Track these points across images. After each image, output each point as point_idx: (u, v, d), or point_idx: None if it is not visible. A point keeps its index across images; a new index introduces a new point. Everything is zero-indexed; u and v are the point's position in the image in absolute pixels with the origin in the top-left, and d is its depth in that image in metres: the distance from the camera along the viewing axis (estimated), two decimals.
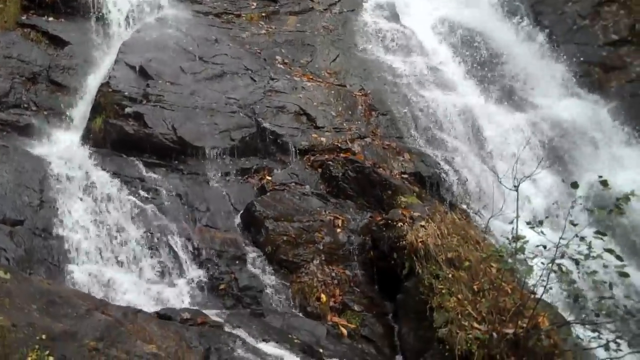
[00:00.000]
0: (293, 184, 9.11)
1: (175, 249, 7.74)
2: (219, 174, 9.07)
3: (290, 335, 6.33)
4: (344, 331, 7.20)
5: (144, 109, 9.32)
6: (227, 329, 5.99)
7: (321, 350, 6.33)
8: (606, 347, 6.16)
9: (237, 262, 7.82)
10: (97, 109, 9.44)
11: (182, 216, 8.27)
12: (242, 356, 5.43)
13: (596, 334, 6.32)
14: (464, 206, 9.42)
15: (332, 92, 10.93)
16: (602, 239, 6.09)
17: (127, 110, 9.25)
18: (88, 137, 9.30)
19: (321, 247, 8.11)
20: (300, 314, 7.32)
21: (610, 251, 6.00)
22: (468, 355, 6.38)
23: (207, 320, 6.01)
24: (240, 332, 5.99)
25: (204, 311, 6.48)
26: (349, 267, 8.05)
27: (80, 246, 7.42)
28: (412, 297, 7.37)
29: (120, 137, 9.11)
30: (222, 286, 7.48)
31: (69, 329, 5.06)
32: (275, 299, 7.48)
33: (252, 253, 7.98)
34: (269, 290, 7.53)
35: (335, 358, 6.31)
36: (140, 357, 4.92)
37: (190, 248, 7.83)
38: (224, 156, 9.24)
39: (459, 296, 6.88)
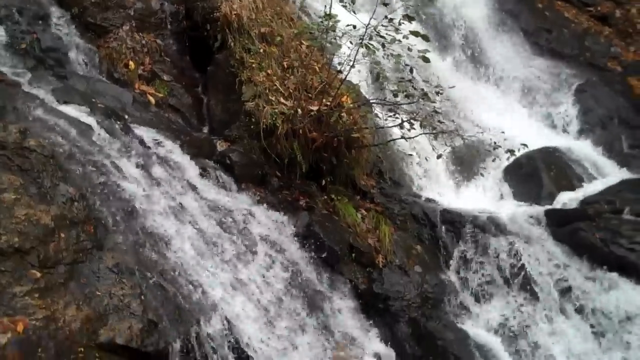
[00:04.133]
0: None
1: None
2: None
3: (94, 100, 6.15)
4: (152, 99, 7.13)
5: None
6: (25, 88, 5.72)
7: (126, 117, 6.24)
8: (400, 127, 6.60)
9: (40, 21, 7.26)
10: None
11: None
12: (41, 116, 5.26)
13: (393, 114, 6.73)
14: None
15: None
16: (410, 22, 6.28)
17: None
18: None
19: (132, 13, 7.76)
20: (107, 80, 7.09)
21: (415, 33, 6.21)
22: (272, 129, 6.59)
23: (4, 79, 5.69)
24: (40, 93, 5.75)
25: (1, 70, 6.11)
26: (161, 36, 7.84)
27: None
28: (222, 70, 7.38)
29: None
30: (22, 45, 7.00)
31: None
32: (81, 62, 7.13)
33: (57, 13, 7.43)
34: (74, 53, 7.13)
35: (140, 124, 6.26)
36: None
37: None
38: None
39: (269, 71, 6.97)
